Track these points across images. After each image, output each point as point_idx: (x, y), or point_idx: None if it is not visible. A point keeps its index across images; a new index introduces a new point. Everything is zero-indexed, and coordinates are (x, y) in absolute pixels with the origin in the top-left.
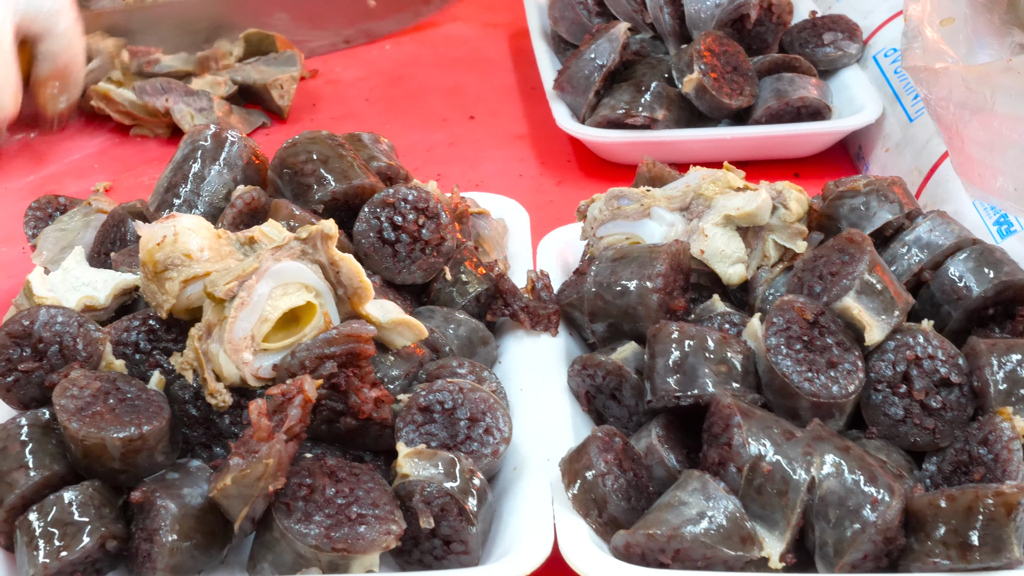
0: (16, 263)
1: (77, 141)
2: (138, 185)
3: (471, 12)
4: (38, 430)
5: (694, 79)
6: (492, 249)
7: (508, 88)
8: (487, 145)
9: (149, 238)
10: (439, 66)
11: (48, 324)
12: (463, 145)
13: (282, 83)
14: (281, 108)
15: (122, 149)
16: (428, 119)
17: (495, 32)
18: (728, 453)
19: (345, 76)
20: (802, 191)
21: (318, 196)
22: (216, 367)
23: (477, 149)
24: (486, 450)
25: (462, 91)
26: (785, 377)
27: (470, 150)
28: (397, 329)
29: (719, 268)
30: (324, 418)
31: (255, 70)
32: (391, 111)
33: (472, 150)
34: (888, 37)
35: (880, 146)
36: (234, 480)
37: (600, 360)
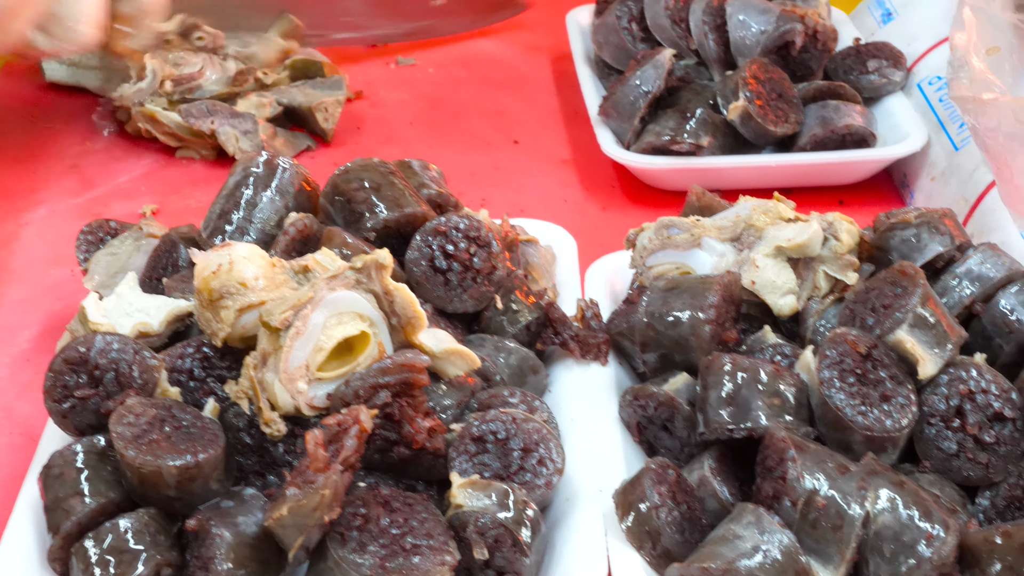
0: (65, 285)
1: (124, 163)
2: (185, 208)
3: (513, 35)
4: (94, 457)
5: (739, 106)
6: (541, 277)
7: (551, 112)
8: (531, 170)
9: (204, 266)
10: (482, 89)
11: (104, 351)
12: (507, 169)
13: (327, 106)
14: (325, 131)
15: (168, 171)
16: (471, 142)
17: (537, 56)
18: (782, 487)
19: (389, 99)
20: (853, 222)
21: (370, 224)
22: (271, 396)
23: (521, 174)
24: (539, 481)
25: (505, 114)
26: (838, 410)
27: (514, 174)
28: (450, 359)
29: (770, 299)
30: (377, 447)
31: (301, 93)
32: (435, 134)
33: (516, 174)
34: (932, 65)
35: (925, 174)
36: (290, 510)
37: (652, 391)
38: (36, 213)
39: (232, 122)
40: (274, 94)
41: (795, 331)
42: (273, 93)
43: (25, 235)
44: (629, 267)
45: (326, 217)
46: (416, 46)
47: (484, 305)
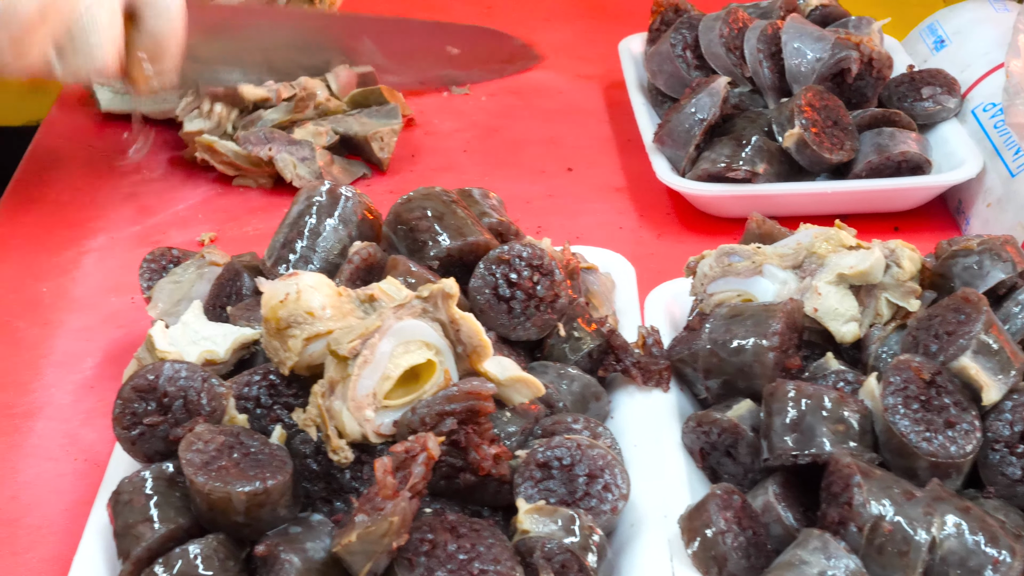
0: (126, 312)
1: (181, 191)
2: (243, 235)
3: (564, 64)
4: (162, 483)
5: (795, 134)
6: (601, 304)
7: (604, 140)
8: (586, 197)
9: (272, 295)
10: (534, 118)
11: (173, 379)
12: (562, 197)
13: (382, 136)
14: (381, 160)
15: (225, 199)
16: (526, 171)
17: (588, 84)
18: (848, 512)
19: (442, 127)
20: (915, 250)
21: (433, 253)
22: (339, 424)
23: (576, 201)
24: (605, 507)
25: (558, 143)
26: (903, 437)
27: (569, 202)
28: (515, 386)
29: (832, 326)
30: (443, 474)
31: (356, 122)
32: (489, 162)
33: (571, 202)
34: (986, 91)
35: (981, 201)
36: (359, 537)
37: (716, 417)
38: (95, 242)
39: (289, 149)
40: (330, 123)
41: (857, 358)
42: (329, 122)
43: (85, 264)
44: (689, 294)
45: (389, 246)
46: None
47: (547, 333)
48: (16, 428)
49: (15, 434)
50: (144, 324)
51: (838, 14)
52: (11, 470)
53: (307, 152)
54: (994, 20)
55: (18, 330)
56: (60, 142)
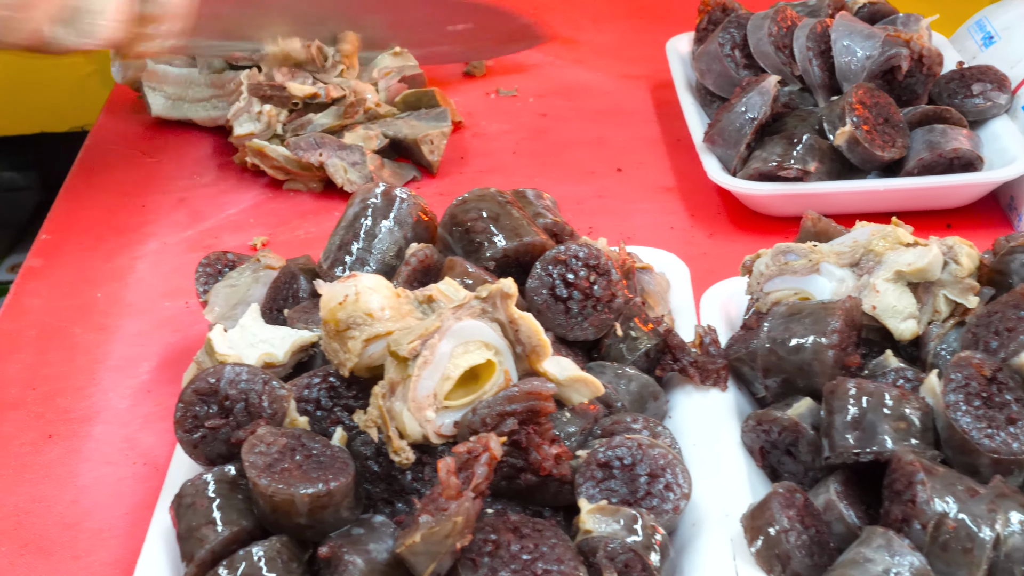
0: (180, 317)
1: (231, 196)
2: (294, 239)
3: (610, 64)
4: (225, 486)
5: (847, 132)
6: (656, 304)
7: (653, 140)
8: (635, 197)
9: (331, 297)
10: (582, 118)
11: (234, 381)
12: (612, 197)
13: (432, 139)
14: (431, 163)
15: (276, 203)
16: (575, 172)
17: (635, 84)
18: (912, 510)
19: (490, 129)
20: (972, 246)
21: (489, 254)
22: (399, 425)
23: (626, 201)
24: (667, 506)
25: (607, 143)
26: (965, 434)
27: (619, 202)
28: (574, 386)
29: (891, 324)
30: (504, 474)
31: (406, 125)
32: (538, 164)
33: (621, 202)
34: None
35: None
36: (423, 537)
37: (776, 416)
38: (148, 246)
39: (340, 154)
40: (380, 126)
41: (915, 355)
42: (379, 125)
43: (139, 269)
44: (745, 293)
45: (444, 247)
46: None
47: (604, 333)
48: (75, 432)
49: (74, 438)
50: (199, 328)
51: (886, 11)
52: (71, 474)
53: (358, 157)
54: None
55: (74, 335)
56: (110, 148)
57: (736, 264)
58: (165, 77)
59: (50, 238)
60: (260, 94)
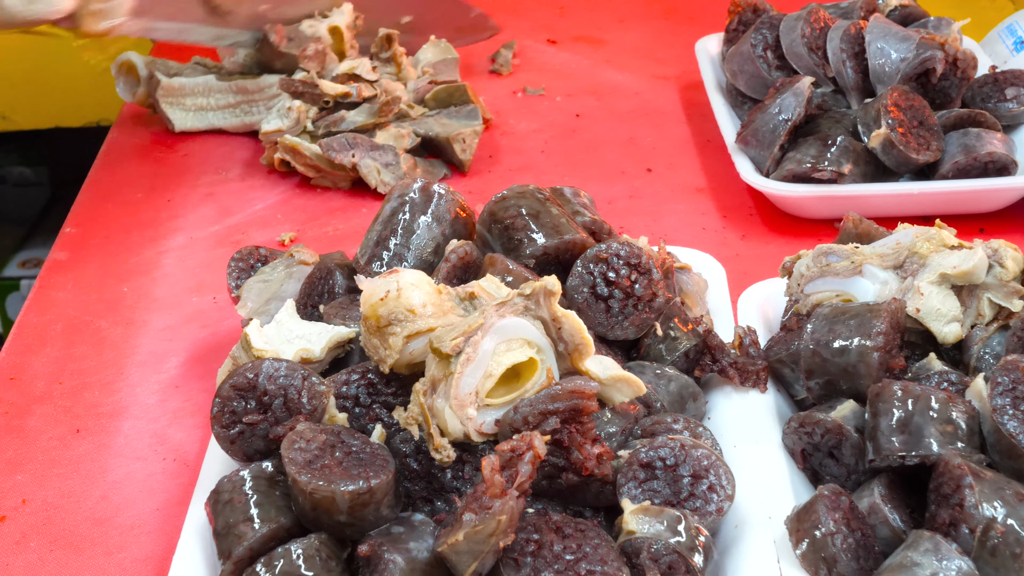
0: (208, 312)
1: (258, 192)
2: (322, 235)
3: (640, 65)
4: (263, 482)
5: (881, 134)
6: (695, 304)
7: (683, 140)
8: (667, 198)
9: (372, 293)
10: (611, 118)
11: (273, 377)
12: (643, 198)
13: (464, 137)
14: (463, 162)
15: (303, 199)
16: (606, 171)
17: (665, 85)
18: (960, 514)
19: (519, 128)
20: (1017, 249)
21: (529, 251)
22: (441, 422)
23: (657, 202)
24: (710, 507)
25: (637, 143)
26: (1012, 438)
27: (650, 203)
28: (616, 385)
29: (934, 327)
30: (546, 474)
31: (437, 123)
32: (568, 163)
33: (652, 203)
34: None
35: None
36: (466, 536)
37: (819, 418)
38: (175, 241)
39: (373, 155)
40: (411, 124)
41: (958, 358)
42: (410, 124)
43: (165, 263)
44: (785, 294)
45: (483, 244)
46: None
47: (644, 332)
48: (103, 428)
49: (103, 434)
50: (228, 324)
51: (918, 14)
52: (101, 470)
53: (391, 158)
54: None
55: (101, 330)
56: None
57: (770, 266)
58: (181, 89)
59: (75, 231)
60: (292, 90)
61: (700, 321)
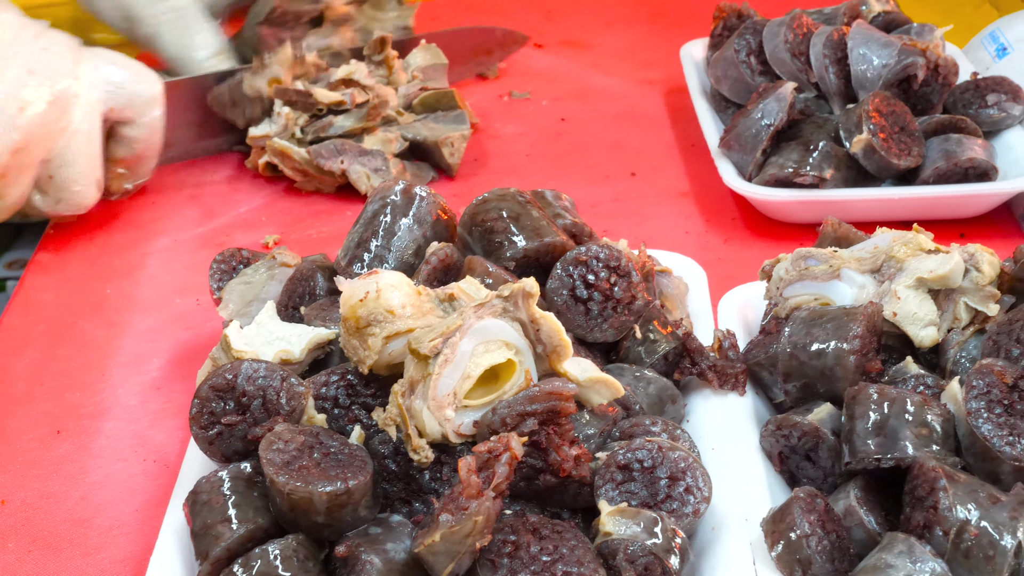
0: (192, 314)
1: (243, 194)
2: (306, 238)
3: (626, 69)
4: (241, 483)
5: (863, 139)
6: (675, 308)
7: (668, 145)
8: (651, 201)
9: (351, 294)
10: (596, 122)
11: (252, 378)
12: (627, 201)
13: (452, 141)
14: (451, 166)
15: (287, 202)
16: (590, 175)
17: (650, 89)
18: (934, 516)
19: (504, 131)
20: (993, 254)
21: (509, 253)
22: (419, 423)
23: (642, 205)
24: (687, 509)
25: (622, 147)
26: (987, 441)
27: (635, 206)
28: (594, 387)
29: (911, 330)
30: (523, 475)
31: (425, 127)
32: (553, 166)
33: (637, 206)
34: None
35: None
36: (443, 536)
37: (796, 421)
38: (158, 243)
39: (361, 160)
40: (399, 129)
41: (935, 362)
42: (398, 128)
43: (149, 265)
44: (764, 298)
45: (464, 246)
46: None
47: (624, 335)
48: (84, 429)
49: (83, 435)
50: (210, 325)
51: (900, 21)
52: (81, 470)
53: (380, 163)
54: None
55: (84, 331)
56: None
57: (751, 270)
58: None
59: (58, 232)
60: (285, 99)
61: (680, 324)
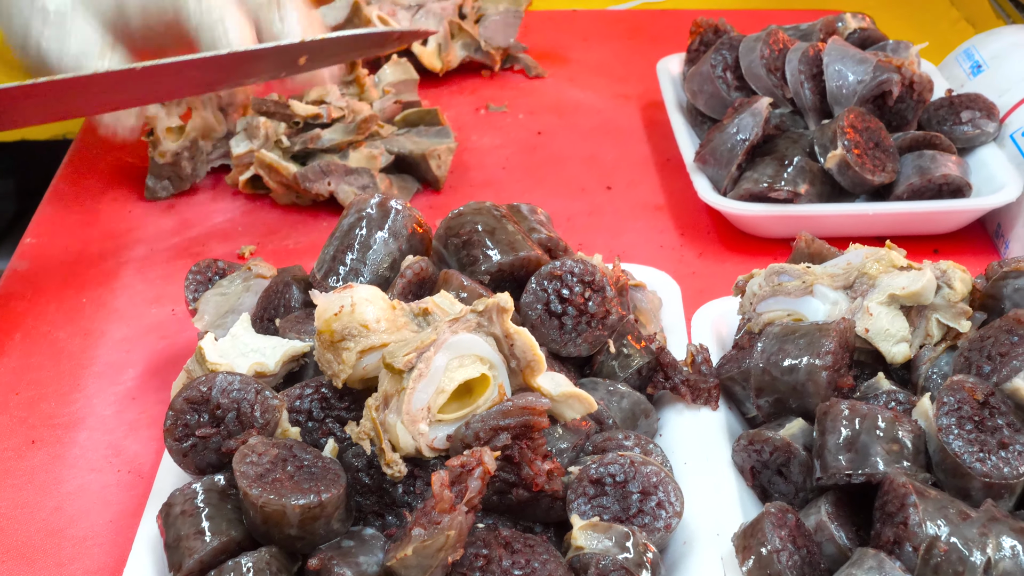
0: (167, 324)
1: (219, 204)
2: (282, 248)
3: (602, 84)
4: (214, 495)
5: (838, 155)
6: (649, 322)
7: (643, 159)
8: (626, 215)
9: (326, 308)
10: (573, 135)
11: (226, 390)
12: (602, 215)
13: (439, 154)
14: (438, 178)
15: (264, 213)
16: (566, 188)
17: (626, 103)
18: (904, 532)
19: (481, 144)
20: (966, 271)
21: (484, 267)
22: (393, 437)
23: (617, 219)
24: (658, 524)
25: (598, 161)
26: (957, 457)
27: (610, 220)
28: (567, 402)
29: (883, 347)
30: (496, 489)
31: (409, 141)
32: (529, 179)
33: (612, 220)
34: None
35: (1021, 224)
36: (415, 551)
37: (768, 436)
38: (135, 252)
39: (348, 179)
40: (383, 143)
41: (906, 378)
42: (383, 142)
43: (125, 275)
44: (737, 313)
45: (439, 260)
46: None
47: (598, 349)
48: (59, 439)
49: (58, 444)
50: (186, 336)
51: (876, 37)
52: (55, 481)
53: (367, 179)
54: None
55: (59, 340)
56: (97, 152)
57: (726, 284)
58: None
59: (35, 241)
60: (263, 110)
61: (653, 339)
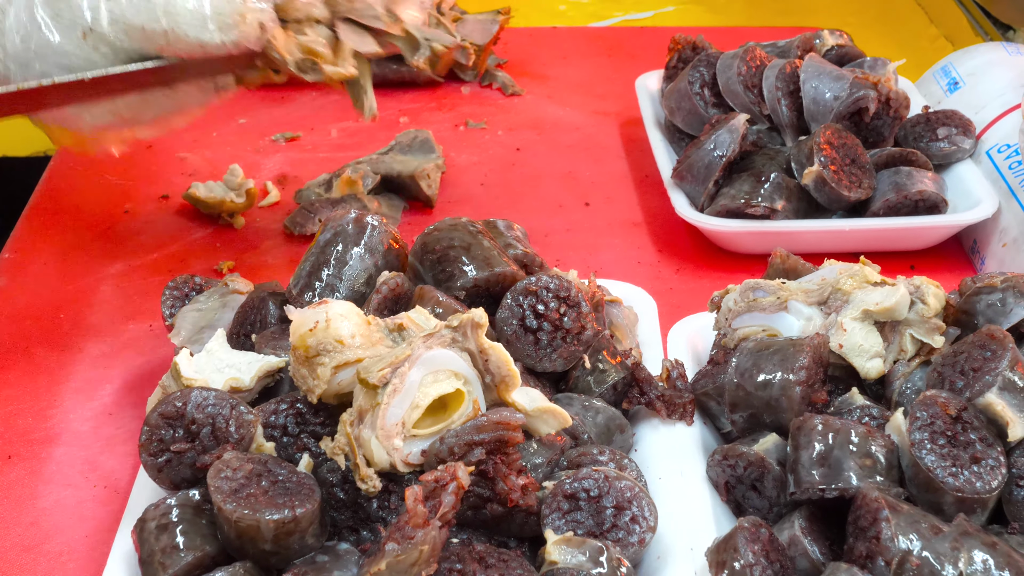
0: (144, 340)
1: (197, 220)
2: (260, 264)
3: (581, 101)
4: (189, 511)
5: (814, 171)
6: (624, 337)
7: (621, 175)
8: (604, 232)
9: (301, 323)
10: (551, 152)
11: (201, 406)
12: (580, 231)
13: (429, 173)
14: (430, 197)
15: (242, 229)
16: (544, 204)
17: (605, 120)
18: (876, 547)
19: (459, 160)
20: (939, 287)
21: (460, 283)
22: (367, 452)
23: (594, 235)
24: (632, 538)
25: (576, 177)
26: (930, 472)
27: (587, 236)
28: (542, 417)
29: (857, 362)
30: (471, 504)
31: (395, 160)
32: (507, 196)
33: (589, 236)
34: (1001, 133)
35: (996, 241)
36: (388, 565)
37: (742, 451)
38: (112, 268)
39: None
40: (368, 164)
41: (880, 393)
42: (367, 163)
43: (102, 291)
44: (713, 328)
45: (415, 275)
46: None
47: (573, 364)
48: (35, 454)
49: (34, 460)
50: (162, 352)
51: (854, 54)
52: (31, 496)
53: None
54: (1008, 63)
55: (36, 356)
56: (75, 169)
57: (702, 299)
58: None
59: (12, 257)
60: None
61: (629, 354)
